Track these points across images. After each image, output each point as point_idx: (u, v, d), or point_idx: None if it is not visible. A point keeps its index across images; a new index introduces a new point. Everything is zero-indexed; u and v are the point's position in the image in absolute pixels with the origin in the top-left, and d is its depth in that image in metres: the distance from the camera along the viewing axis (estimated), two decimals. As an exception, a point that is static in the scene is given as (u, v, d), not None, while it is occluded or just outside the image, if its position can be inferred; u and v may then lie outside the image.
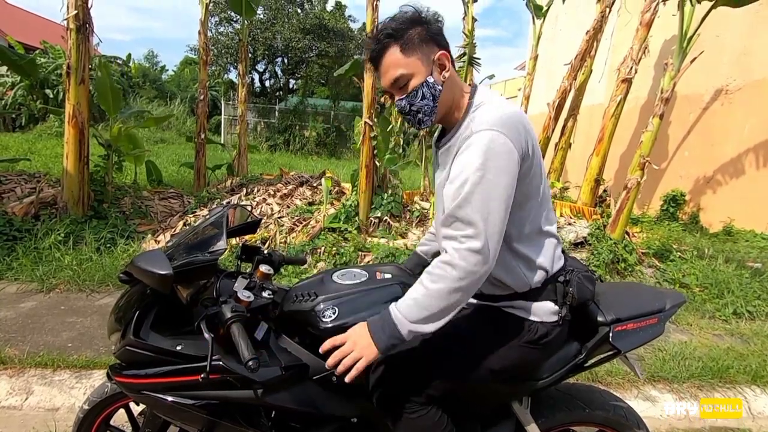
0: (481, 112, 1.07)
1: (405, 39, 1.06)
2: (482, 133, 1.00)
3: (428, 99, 1.08)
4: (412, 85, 1.08)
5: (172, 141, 13.78)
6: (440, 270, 1.00)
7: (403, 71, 1.07)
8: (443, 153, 1.16)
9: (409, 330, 1.01)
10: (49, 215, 3.99)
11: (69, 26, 3.74)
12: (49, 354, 2.39)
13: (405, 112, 1.12)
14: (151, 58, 30.43)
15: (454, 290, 0.99)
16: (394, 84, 1.09)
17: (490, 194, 0.98)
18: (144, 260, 1.07)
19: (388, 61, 1.08)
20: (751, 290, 3.81)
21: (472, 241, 0.98)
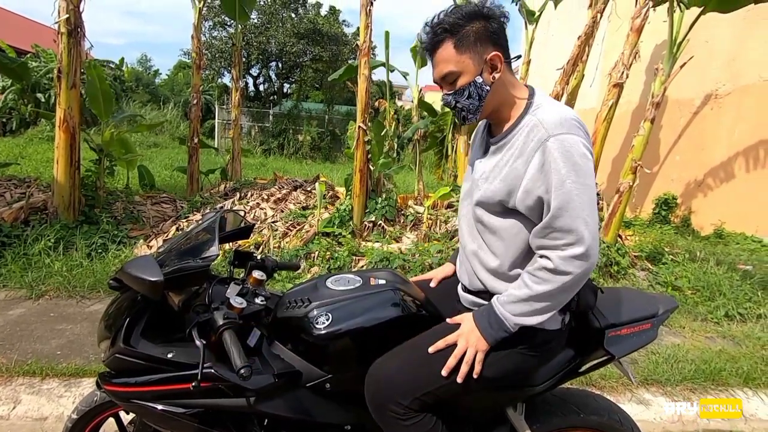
0: (548, 113, 1.05)
1: (460, 35, 1.06)
2: (562, 138, 1.00)
3: (474, 98, 1.09)
4: (460, 83, 1.08)
5: (165, 145, 13.68)
6: (545, 274, 1.03)
7: (453, 68, 1.07)
8: (498, 147, 1.15)
9: (515, 323, 1.07)
10: (39, 221, 3.94)
11: (60, 30, 3.71)
12: (37, 362, 2.35)
13: (450, 107, 1.13)
14: (145, 62, 30.31)
15: (561, 291, 1.04)
16: (443, 79, 1.10)
17: (585, 198, 1.00)
18: (134, 267, 1.05)
19: (440, 55, 1.08)
20: (742, 292, 3.84)
21: (575, 248, 1.00)
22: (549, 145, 1.01)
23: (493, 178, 1.11)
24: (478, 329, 1.10)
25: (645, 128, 4.42)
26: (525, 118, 1.09)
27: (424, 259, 3.78)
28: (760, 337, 3.22)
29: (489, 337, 1.09)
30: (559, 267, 1.01)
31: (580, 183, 0.99)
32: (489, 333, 1.08)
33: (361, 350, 1.19)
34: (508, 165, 1.09)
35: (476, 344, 1.09)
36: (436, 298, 1.37)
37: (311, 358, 1.19)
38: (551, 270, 1.02)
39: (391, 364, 1.14)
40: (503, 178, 1.09)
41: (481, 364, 1.09)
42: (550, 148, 1.00)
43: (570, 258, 1.00)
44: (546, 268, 1.03)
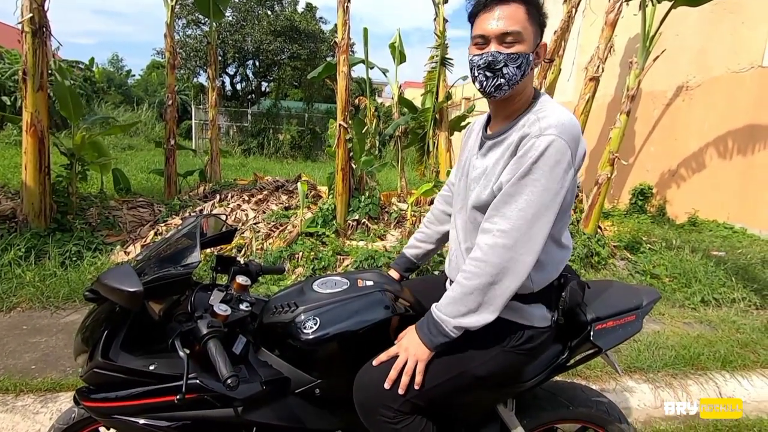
0: (549, 114, 1.04)
1: (533, 7, 1.05)
2: (549, 138, 0.99)
3: (521, 71, 1.05)
4: (518, 48, 1.04)
5: (140, 147, 13.33)
6: (474, 267, 1.02)
7: (521, 30, 1.03)
8: (495, 143, 1.13)
9: (453, 326, 1.05)
10: (8, 229, 3.78)
11: (24, 29, 3.55)
12: (10, 378, 2.25)
13: (495, 67, 1.05)
14: (116, 62, 29.42)
15: (489, 285, 1.01)
16: (503, 36, 1.03)
17: (537, 198, 0.98)
18: (111, 277, 1.01)
19: (511, 11, 1.03)
20: (717, 278, 3.97)
21: (503, 238, 0.99)
22: (535, 142, 1.01)
23: (489, 182, 1.10)
24: (419, 337, 1.08)
25: (621, 120, 4.52)
26: (525, 117, 1.09)
27: (409, 256, 3.78)
28: (735, 321, 3.34)
29: (429, 344, 1.06)
30: (486, 255, 1.01)
31: (541, 185, 0.99)
32: (429, 339, 1.07)
33: (350, 354, 1.17)
34: (504, 163, 1.08)
35: (416, 353, 1.07)
36: (424, 296, 1.36)
37: (299, 363, 1.16)
38: (478, 259, 1.02)
39: (379, 368, 1.12)
40: (497, 179, 1.08)
41: (422, 375, 1.07)
42: (533, 144, 1.00)
43: (495, 246, 1.00)
44: (474, 258, 1.03)
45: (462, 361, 1.12)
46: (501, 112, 1.17)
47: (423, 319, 1.11)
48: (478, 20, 1.08)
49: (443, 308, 1.07)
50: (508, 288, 1.02)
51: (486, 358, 1.12)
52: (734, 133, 6.05)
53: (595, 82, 4.70)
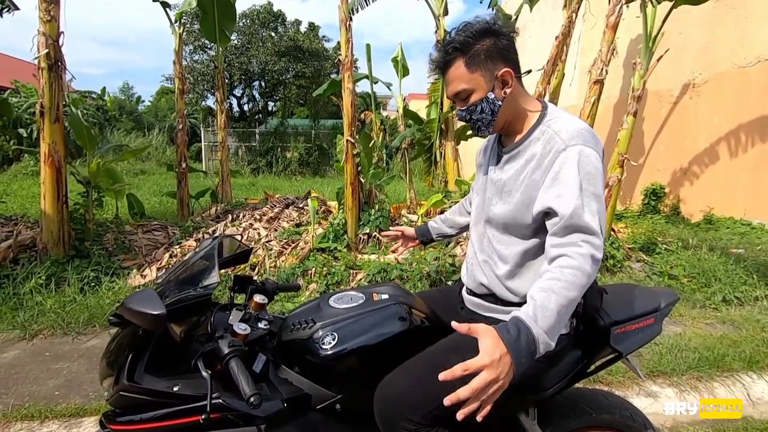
0: (563, 125, 1.08)
1: (471, 54, 1.09)
2: (580, 148, 1.03)
3: (487, 113, 1.13)
4: (473, 99, 1.12)
5: (152, 171, 13.60)
6: (573, 277, 0.95)
7: (465, 86, 1.11)
8: (512, 156, 1.17)
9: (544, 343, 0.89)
10: (28, 258, 3.87)
11: (40, 65, 3.69)
12: (35, 405, 2.29)
13: (465, 120, 1.17)
14: (127, 90, 30.25)
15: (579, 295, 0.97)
16: (456, 96, 1.14)
17: (594, 206, 1.01)
18: (135, 301, 1.04)
19: (452, 74, 1.12)
20: (737, 276, 3.89)
21: (591, 248, 0.98)
22: (565, 155, 1.03)
23: (511, 194, 1.14)
24: (510, 355, 0.85)
25: (628, 122, 4.49)
26: (538, 129, 1.12)
27: (422, 267, 3.78)
28: (759, 319, 3.26)
29: (518, 367, 0.86)
30: (582, 265, 0.97)
31: (590, 192, 1.01)
32: (519, 362, 0.86)
33: (369, 367, 1.18)
34: (527, 177, 1.10)
35: (504, 378, 0.85)
36: (439, 307, 1.37)
37: (319, 379, 1.17)
38: (576, 268, 0.96)
39: (399, 380, 1.12)
40: (523, 191, 1.11)
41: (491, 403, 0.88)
42: (565, 157, 1.03)
43: (588, 256, 0.98)
44: (571, 267, 0.96)
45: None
46: (508, 133, 1.22)
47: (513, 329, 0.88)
48: None
49: (542, 323, 0.89)
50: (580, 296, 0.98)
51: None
52: (745, 128, 5.98)
53: (600, 84, 4.70)
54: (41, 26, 3.66)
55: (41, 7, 3.65)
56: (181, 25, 5.93)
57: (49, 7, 3.66)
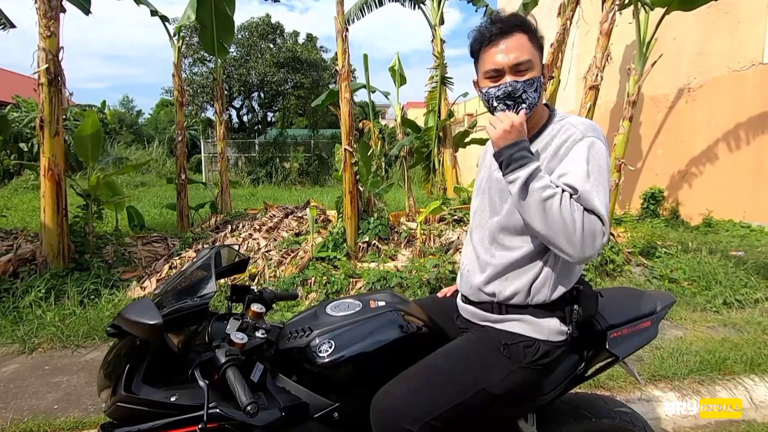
0: (577, 119, 1.14)
1: (532, 34, 1.12)
2: (595, 141, 1.08)
3: (537, 93, 1.12)
4: (531, 74, 1.10)
5: (152, 183, 13.65)
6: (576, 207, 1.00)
7: (530, 58, 1.10)
8: None
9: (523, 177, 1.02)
10: (28, 272, 3.88)
11: (40, 80, 3.73)
12: (34, 419, 2.28)
13: (514, 96, 1.10)
14: (127, 104, 30.50)
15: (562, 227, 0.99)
16: (516, 66, 1.09)
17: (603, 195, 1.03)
18: (132, 311, 1.04)
19: (517, 41, 1.10)
20: (738, 279, 3.88)
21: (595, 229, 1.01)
22: (581, 144, 1.07)
23: None
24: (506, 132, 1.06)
25: (624, 126, 4.53)
26: (551, 125, 1.16)
27: (421, 275, 3.78)
28: (761, 322, 3.25)
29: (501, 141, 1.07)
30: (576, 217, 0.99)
31: (600, 182, 1.04)
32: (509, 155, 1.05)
33: (367, 375, 1.18)
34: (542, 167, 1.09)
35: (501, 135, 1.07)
36: (436, 314, 1.37)
37: (317, 387, 1.17)
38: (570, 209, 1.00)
39: (396, 391, 1.11)
40: None
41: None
42: (582, 145, 1.07)
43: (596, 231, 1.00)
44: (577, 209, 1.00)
45: (478, 380, 1.11)
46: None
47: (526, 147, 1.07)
48: (484, 54, 1.13)
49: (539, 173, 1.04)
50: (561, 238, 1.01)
51: (502, 376, 1.11)
52: (742, 131, 6.01)
53: (595, 90, 4.74)
54: (41, 42, 3.70)
55: (41, 23, 3.70)
56: (180, 39, 5.99)
57: (49, 23, 3.71)
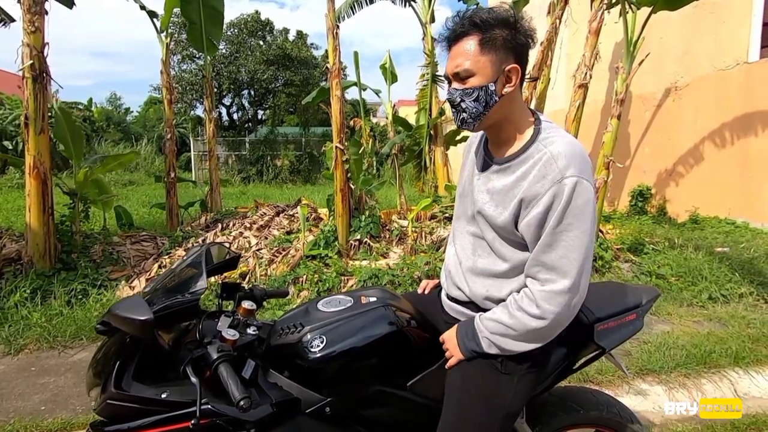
0: (561, 147, 1.02)
1: (488, 35, 1.01)
2: (575, 181, 0.98)
3: (480, 104, 1.04)
4: (472, 83, 1.03)
5: (141, 182, 13.49)
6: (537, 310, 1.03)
7: (470, 67, 1.02)
8: (503, 169, 1.11)
9: (487, 338, 1.10)
10: (13, 272, 3.81)
11: (25, 76, 3.66)
12: (20, 420, 2.24)
13: (454, 104, 1.08)
14: (114, 101, 30.04)
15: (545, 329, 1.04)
16: (456, 74, 1.05)
17: (577, 242, 1.00)
18: (122, 307, 1.04)
19: (461, 48, 1.04)
20: (723, 274, 3.96)
21: (555, 284, 1.01)
22: (559, 188, 0.99)
23: (502, 206, 1.09)
24: (457, 338, 1.15)
25: (612, 125, 4.58)
26: (534, 146, 1.06)
27: (413, 272, 3.79)
28: (744, 316, 3.32)
29: (462, 346, 1.13)
30: (539, 301, 1.02)
31: (577, 228, 0.99)
32: (464, 342, 1.13)
33: (358, 370, 1.19)
34: (517, 197, 1.05)
35: (452, 351, 1.16)
36: (426, 308, 1.37)
37: (309, 383, 1.18)
38: (530, 298, 1.04)
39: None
40: (512, 209, 1.06)
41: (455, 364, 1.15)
42: (559, 192, 0.99)
43: (551, 293, 1.01)
44: (528, 298, 1.05)
45: (495, 409, 1.13)
46: (495, 138, 1.16)
47: (466, 321, 1.17)
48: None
49: (486, 322, 1.11)
50: (555, 333, 1.07)
51: (512, 393, 1.12)
52: (727, 129, 6.12)
53: (584, 89, 4.79)
54: (26, 37, 3.64)
55: (26, 18, 3.63)
56: (168, 35, 5.93)
57: (33, 18, 3.64)
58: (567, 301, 1.01)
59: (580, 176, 0.99)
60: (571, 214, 0.99)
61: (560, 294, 1.00)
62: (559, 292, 1.00)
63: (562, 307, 1.01)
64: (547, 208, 1.00)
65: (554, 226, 1.00)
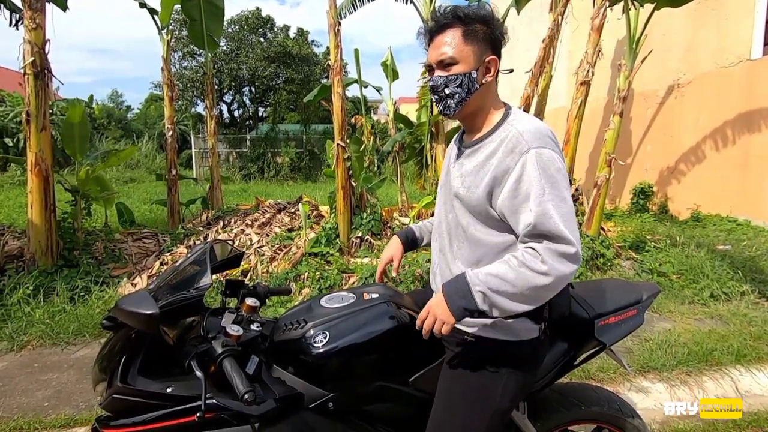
0: (526, 125, 1.07)
1: (470, 28, 1.09)
2: (542, 151, 1.02)
3: (463, 90, 1.10)
4: (456, 70, 1.10)
5: (142, 180, 13.51)
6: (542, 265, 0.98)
7: (455, 55, 1.09)
8: (473, 150, 1.15)
9: (480, 292, 1.00)
10: (15, 269, 3.82)
11: (26, 73, 3.66)
12: (23, 417, 2.25)
13: (438, 90, 1.12)
14: (116, 98, 30.02)
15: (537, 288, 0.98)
16: (441, 62, 1.11)
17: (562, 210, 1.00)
18: (128, 302, 1.05)
19: (446, 38, 1.10)
20: (724, 272, 3.96)
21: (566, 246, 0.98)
22: (528, 158, 1.02)
23: (474, 186, 1.11)
24: (445, 299, 1.04)
25: (615, 122, 4.57)
26: (502, 127, 1.11)
27: (414, 269, 3.79)
28: (746, 314, 3.31)
29: (452, 306, 1.03)
30: (546, 258, 0.98)
31: (555, 195, 1.00)
32: (453, 301, 1.03)
33: (361, 365, 1.19)
34: (488, 174, 1.08)
35: (440, 316, 1.04)
36: (423, 308, 1.37)
37: (312, 378, 1.18)
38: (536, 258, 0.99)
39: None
40: (484, 187, 1.08)
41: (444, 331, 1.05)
42: (528, 161, 1.02)
43: (558, 252, 0.98)
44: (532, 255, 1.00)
45: (486, 407, 1.13)
46: (469, 126, 1.20)
47: (451, 279, 1.07)
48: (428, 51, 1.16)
49: (482, 275, 1.02)
50: (549, 296, 1.03)
51: (501, 390, 1.12)
52: (729, 127, 6.10)
53: (586, 86, 4.78)
54: (27, 34, 3.64)
55: (27, 15, 3.63)
56: (169, 32, 5.92)
57: (34, 15, 3.64)
58: (571, 266, 0.99)
59: (547, 147, 1.03)
60: (548, 182, 1.01)
61: (568, 257, 0.98)
62: (566, 254, 0.98)
63: (568, 268, 0.98)
64: (519, 178, 1.03)
65: (537, 197, 1.00)
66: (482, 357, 1.14)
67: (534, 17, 8.85)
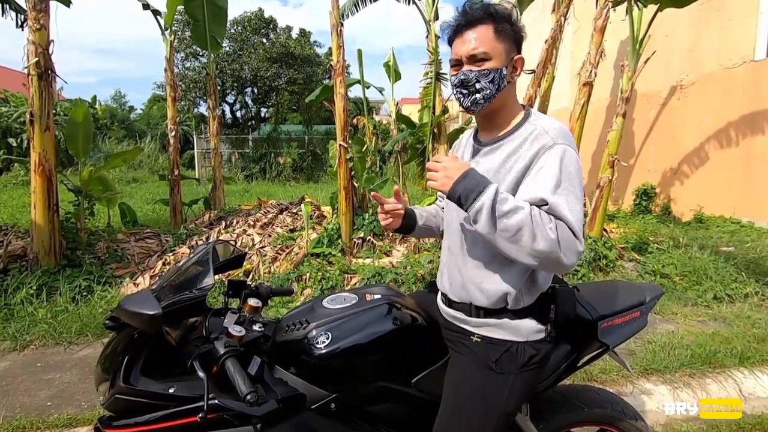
0: (550, 123, 1.09)
1: (501, 26, 1.10)
2: (565, 148, 1.04)
3: (494, 86, 1.10)
4: (489, 65, 1.10)
5: (145, 180, 13.54)
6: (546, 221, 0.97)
7: (488, 50, 1.09)
8: (493, 149, 1.15)
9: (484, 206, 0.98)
10: (19, 268, 3.83)
11: (30, 74, 3.68)
12: (26, 416, 2.26)
13: (468, 84, 1.11)
14: (119, 99, 30.14)
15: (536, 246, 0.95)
16: (472, 56, 1.10)
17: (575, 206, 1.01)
18: (131, 302, 1.05)
19: (477, 33, 1.10)
20: (728, 274, 3.94)
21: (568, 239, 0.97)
22: (553, 152, 1.04)
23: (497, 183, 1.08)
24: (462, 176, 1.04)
25: (617, 123, 4.56)
26: (525, 126, 1.12)
27: (416, 270, 3.79)
28: (750, 316, 3.30)
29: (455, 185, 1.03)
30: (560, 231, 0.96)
31: (571, 192, 1.01)
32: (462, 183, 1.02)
33: (363, 366, 1.19)
34: (511, 169, 1.09)
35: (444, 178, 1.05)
36: (430, 306, 1.36)
37: (314, 379, 1.18)
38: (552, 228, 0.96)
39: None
40: (510, 182, 1.08)
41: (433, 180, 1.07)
42: (553, 154, 1.03)
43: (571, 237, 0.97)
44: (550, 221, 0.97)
45: (490, 408, 1.12)
46: (488, 125, 1.20)
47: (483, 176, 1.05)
48: (453, 45, 1.16)
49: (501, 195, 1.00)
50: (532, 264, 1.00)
51: (506, 392, 1.12)
52: (732, 128, 6.08)
53: (589, 87, 4.77)
54: (31, 35, 3.65)
55: (31, 16, 3.64)
56: (172, 33, 5.93)
57: (38, 15, 3.65)
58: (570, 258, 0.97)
59: (570, 146, 1.06)
60: (567, 179, 1.02)
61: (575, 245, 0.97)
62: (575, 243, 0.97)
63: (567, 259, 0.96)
64: (541, 168, 1.04)
65: (554, 188, 1.00)
66: (489, 358, 1.13)
67: (536, 18, 8.85)
